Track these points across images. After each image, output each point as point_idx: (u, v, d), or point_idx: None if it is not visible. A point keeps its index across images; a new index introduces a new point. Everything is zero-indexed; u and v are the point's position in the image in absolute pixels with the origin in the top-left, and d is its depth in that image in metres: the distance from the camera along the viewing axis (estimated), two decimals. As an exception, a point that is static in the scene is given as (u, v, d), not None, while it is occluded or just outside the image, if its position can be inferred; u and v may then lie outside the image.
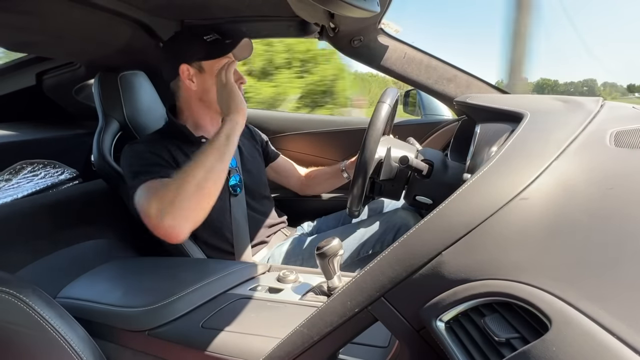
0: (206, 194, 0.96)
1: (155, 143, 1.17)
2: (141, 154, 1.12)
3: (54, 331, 0.73)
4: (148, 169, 1.06)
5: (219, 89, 1.13)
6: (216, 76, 1.16)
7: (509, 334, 0.39)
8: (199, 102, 1.24)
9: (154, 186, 1.00)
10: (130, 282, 1.02)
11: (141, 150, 1.13)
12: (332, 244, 0.84)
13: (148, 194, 0.98)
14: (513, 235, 0.45)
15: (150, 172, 1.05)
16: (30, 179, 1.43)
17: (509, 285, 0.41)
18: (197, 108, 1.25)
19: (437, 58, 1.51)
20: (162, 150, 1.14)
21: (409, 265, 0.48)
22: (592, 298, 0.36)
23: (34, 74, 1.71)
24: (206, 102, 1.23)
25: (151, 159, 1.10)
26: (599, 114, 0.68)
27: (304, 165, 1.66)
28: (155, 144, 1.16)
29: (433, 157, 1.11)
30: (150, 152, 1.12)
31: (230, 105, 1.08)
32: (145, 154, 1.11)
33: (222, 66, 1.16)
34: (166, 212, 0.91)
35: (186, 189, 0.93)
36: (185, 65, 1.19)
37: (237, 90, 1.11)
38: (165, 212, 0.92)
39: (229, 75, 1.13)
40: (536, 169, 0.50)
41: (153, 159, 1.11)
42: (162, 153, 1.14)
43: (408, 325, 0.49)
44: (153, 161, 1.10)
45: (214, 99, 1.19)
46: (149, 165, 1.08)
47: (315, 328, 0.55)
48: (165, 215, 0.91)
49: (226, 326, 0.81)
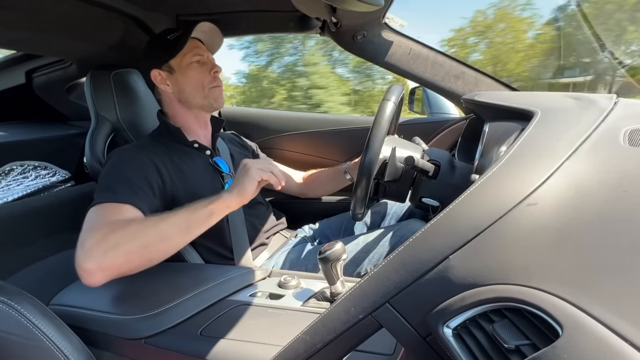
0: (146, 258, 0.92)
1: (142, 153, 1.15)
2: (119, 167, 1.10)
3: (47, 340, 0.74)
4: (115, 188, 1.03)
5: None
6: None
7: (519, 340, 0.39)
8: (179, 104, 1.26)
9: (106, 214, 0.97)
10: (125, 289, 1.02)
11: (121, 163, 1.11)
12: (335, 248, 0.84)
13: (97, 221, 0.95)
14: (523, 239, 0.45)
15: (116, 192, 1.01)
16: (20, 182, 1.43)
17: (519, 290, 0.41)
18: (180, 111, 1.26)
19: (444, 54, 1.51)
20: (145, 165, 1.11)
21: (415, 269, 0.48)
22: (605, 303, 0.36)
23: (23, 72, 1.72)
24: (185, 102, 1.25)
25: (125, 176, 1.07)
26: (612, 111, 0.68)
27: (305, 166, 1.66)
28: (140, 155, 1.14)
29: (440, 157, 1.12)
30: (130, 166, 1.09)
31: (236, 183, 1.01)
32: (123, 168, 1.09)
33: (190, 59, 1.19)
34: (98, 254, 0.87)
35: (132, 242, 0.89)
36: (155, 70, 1.21)
37: (253, 173, 1.01)
38: (97, 253, 0.87)
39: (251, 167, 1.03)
40: (547, 170, 0.50)
41: (128, 176, 1.07)
42: (143, 169, 1.10)
43: (414, 332, 0.49)
44: (126, 179, 1.06)
45: (191, 95, 1.22)
46: (119, 183, 1.04)
47: (318, 335, 0.55)
48: (96, 256, 0.86)
49: (226, 334, 0.81)
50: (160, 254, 0.94)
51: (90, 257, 0.86)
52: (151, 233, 0.92)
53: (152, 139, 1.25)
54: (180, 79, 1.22)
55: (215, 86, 1.24)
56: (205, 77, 1.23)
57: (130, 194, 1.02)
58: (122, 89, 1.42)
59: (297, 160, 1.73)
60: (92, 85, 1.39)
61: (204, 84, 1.23)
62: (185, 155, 1.22)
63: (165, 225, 0.94)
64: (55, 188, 1.50)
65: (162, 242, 0.93)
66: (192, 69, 1.22)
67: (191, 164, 1.21)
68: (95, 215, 0.97)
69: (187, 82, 1.22)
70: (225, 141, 1.45)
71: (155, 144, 1.22)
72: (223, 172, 1.29)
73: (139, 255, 0.90)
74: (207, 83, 1.23)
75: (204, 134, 1.32)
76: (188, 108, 1.26)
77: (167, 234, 0.93)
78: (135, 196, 1.02)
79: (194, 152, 1.26)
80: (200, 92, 1.23)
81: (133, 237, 0.90)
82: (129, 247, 0.89)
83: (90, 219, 0.96)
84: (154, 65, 1.21)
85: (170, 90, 1.23)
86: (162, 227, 0.93)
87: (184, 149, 1.24)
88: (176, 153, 1.20)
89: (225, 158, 1.35)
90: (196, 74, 1.22)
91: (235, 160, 1.40)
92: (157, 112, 1.30)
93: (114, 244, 0.88)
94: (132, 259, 0.90)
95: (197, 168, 1.22)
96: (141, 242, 0.90)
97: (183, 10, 1.48)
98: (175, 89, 1.23)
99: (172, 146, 1.22)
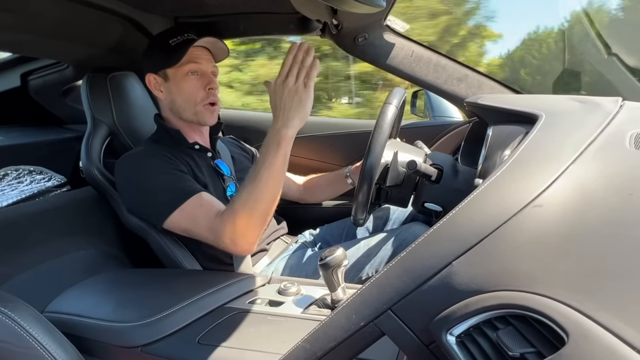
0: (269, 212, 1.05)
1: (159, 151, 1.18)
2: (158, 166, 1.13)
3: (41, 348, 0.74)
4: (179, 185, 1.10)
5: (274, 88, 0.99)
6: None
7: (524, 348, 0.39)
8: (170, 113, 1.25)
9: (203, 207, 1.08)
10: (122, 295, 1.02)
11: (156, 163, 1.14)
12: (336, 254, 0.84)
13: (205, 216, 1.07)
14: (527, 244, 0.45)
15: (184, 188, 1.10)
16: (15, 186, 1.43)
17: (523, 297, 0.41)
18: (173, 119, 1.26)
19: (447, 56, 1.51)
20: (177, 159, 1.17)
21: (418, 276, 0.48)
22: (612, 310, 0.36)
23: (18, 75, 1.72)
24: (176, 113, 1.24)
25: (174, 172, 1.13)
26: (618, 114, 0.68)
27: (306, 171, 1.66)
28: (162, 152, 1.17)
29: (442, 161, 1.12)
30: (168, 162, 1.15)
31: (288, 112, 0.97)
32: (163, 165, 1.14)
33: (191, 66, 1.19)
34: (241, 236, 1.03)
35: (254, 210, 1.01)
36: (151, 75, 1.21)
37: (290, 84, 0.96)
38: (240, 236, 1.03)
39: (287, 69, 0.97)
40: (552, 174, 0.50)
41: (175, 171, 1.13)
42: (179, 162, 1.17)
43: (417, 340, 0.49)
44: (177, 174, 1.13)
45: (181, 108, 1.22)
46: (177, 180, 1.11)
47: (318, 343, 0.55)
48: (241, 236, 1.03)
49: (224, 342, 0.81)
50: (275, 205, 1.05)
51: (239, 239, 1.04)
52: (262, 196, 1.01)
53: (154, 144, 1.25)
54: (173, 89, 1.20)
55: (208, 104, 1.22)
56: (199, 92, 1.20)
57: (192, 184, 1.13)
58: (119, 92, 1.42)
59: (298, 164, 1.73)
60: (88, 89, 1.39)
61: (196, 100, 1.20)
62: (188, 157, 1.22)
63: (263, 183, 1.00)
64: (51, 193, 1.50)
65: (271, 197, 1.03)
66: (187, 81, 1.19)
67: (195, 165, 1.22)
68: (196, 212, 1.08)
69: (180, 93, 1.20)
70: (225, 144, 1.45)
71: (158, 148, 1.21)
72: (224, 175, 1.29)
73: (266, 215, 1.04)
74: (200, 100, 1.20)
75: (202, 137, 1.32)
76: (179, 119, 1.26)
77: (269, 190, 1.01)
78: (194, 183, 1.14)
79: (196, 153, 1.26)
80: (192, 107, 1.21)
81: (251, 208, 1.01)
82: (255, 213, 1.01)
83: (194, 220, 1.08)
84: (150, 69, 1.21)
85: (163, 97, 1.23)
86: (263, 189, 1.00)
87: (186, 151, 1.24)
88: (180, 155, 1.21)
89: (227, 160, 1.35)
90: (190, 87, 1.19)
91: (237, 162, 1.40)
92: (154, 116, 1.29)
93: (245, 221, 1.02)
94: (265, 221, 1.05)
95: (200, 170, 1.22)
96: (257, 205, 1.01)
97: (181, 12, 1.49)
98: (168, 97, 1.22)
99: (175, 149, 1.22)
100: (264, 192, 1.00)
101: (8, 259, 1.18)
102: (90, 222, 1.40)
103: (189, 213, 1.08)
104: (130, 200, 1.21)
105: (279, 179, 1.01)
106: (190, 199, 1.08)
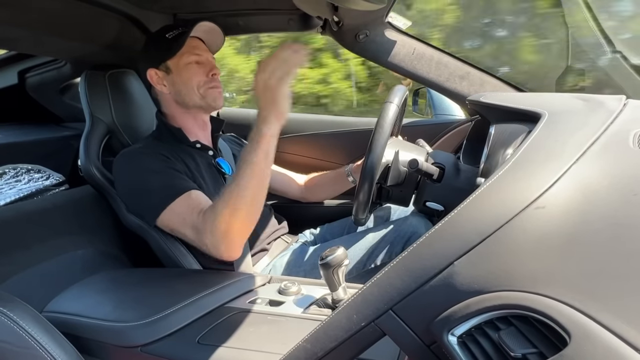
0: (255, 214, 1.04)
1: (157, 149, 1.18)
2: (148, 166, 1.14)
3: (40, 348, 0.74)
4: (170, 183, 1.10)
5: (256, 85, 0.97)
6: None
7: (526, 349, 0.39)
8: (176, 105, 1.26)
9: (190, 205, 1.08)
10: (121, 295, 1.02)
11: (144, 162, 1.15)
12: (337, 253, 0.84)
13: (190, 214, 1.07)
14: (530, 244, 0.45)
15: (175, 186, 1.10)
16: (13, 185, 1.43)
17: (526, 297, 0.41)
18: (178, 112, 1.27)
19: (449, 54, 1.51)
20: (174, 158, 1.17)
21: (419, 276, 0.48)
22: (615, 311, 0.36)
23: (16, 72, 1.72)
24: (182, 104, 1.25)
25: (168, 170, 1.13)
26: (621, 113, 0.68)
27: (306, 169, 1.66)
28: (159, 150, 1.18)
29: (444, 160, 1.12)
30: (163, 161, 1.15)
31: (267, 107, 0.95)
32: (152, 166, 1.14)
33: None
34: (222, 235, 1.02)
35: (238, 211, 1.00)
36: (152, 70, 1.22)
37: (273, 83, 0.92)
38: (221, 235, 1.02)
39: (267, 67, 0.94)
40: (555, 173, 0.50)
41: (169, 169, 1.14)
42: (175, 161, 1.17)
43: (418, 340, 0.50)
44: (171, 173, 1.13)
45: (187, 96, 1.22)
46: (170, 178, 1.12)
47: (318, 343, 0.55)
48: (222, 237, 1.02)
49: (224, 342, 0.81)
50: (260, 206, 1.04)
51: (220, 240, 1.03)
52: (244, 194, 0.99)
53: (154, 141, 1.26)
54: (176, 80, 1.22)
55: (212, 87, 1.24)
56: (202, 78, 1.22)
57: (183, 182, 1.13)
58: (117, 89, 1.42)
59: (298, 163, 1.73)
60: (86, 86, 1.39)
61: (200, 84, 1.22)
62: (188, 155, 1.22)
63: (244, 183, 0.99)
64: (49, 192, 1.50)
65: (254, 196, 1.01)
66: (190, 69, 1.21)
67: (194, 164, 1.22)
68: (184, 211, 1.08)
69: (184, 83, 1.21)
70: (227, 142, 1.45)
71: (158, 146, 1.22)
72: (226, 173, 1.29)
73: (249, 215, 1.03)
74: (204, 84, 1.22)
75: (204, 135, 1.32)
76: (186, 109, 1.26)
77: (251, 189, 1.00)
78: (187, 181, 1.14)
79: (197, 152, 1.26)
80: (197, 93, 1.23)
81: (233, 207, 1.00)
82: (237, 214, 1.00)
83: (182, 218, 1.08)
84: (150, 64, 1.22)
85: (167, 91, 1.23)
86: (245, 187, 0.99)
87: (187, 150, 1.24)
88: (180, 154, 1.21)
89: (228, 159, 1.35)
90: (193, 75, 1.21)
91: (238, 160, 1.40)
92: (156, 113, 1.30)
93: (226, 220, 1.01)
94: (247, 222, 1.04)
95: (201, 168, 1.23)
96: (242, 206, 1.00)
97: (181, 9, 1.49)
98: (172, 90, 1.23)
99: (175, 147, 1.22)
100: (245, 191, 0.99)
101: (6, 259, 1.18)
102: (89, 221, 1.40)
103: (177, 212, 1.09)
104: (126, 198, 1.22)
105: (261, 177, 1.00)
106: (179, 198, 1.08)
